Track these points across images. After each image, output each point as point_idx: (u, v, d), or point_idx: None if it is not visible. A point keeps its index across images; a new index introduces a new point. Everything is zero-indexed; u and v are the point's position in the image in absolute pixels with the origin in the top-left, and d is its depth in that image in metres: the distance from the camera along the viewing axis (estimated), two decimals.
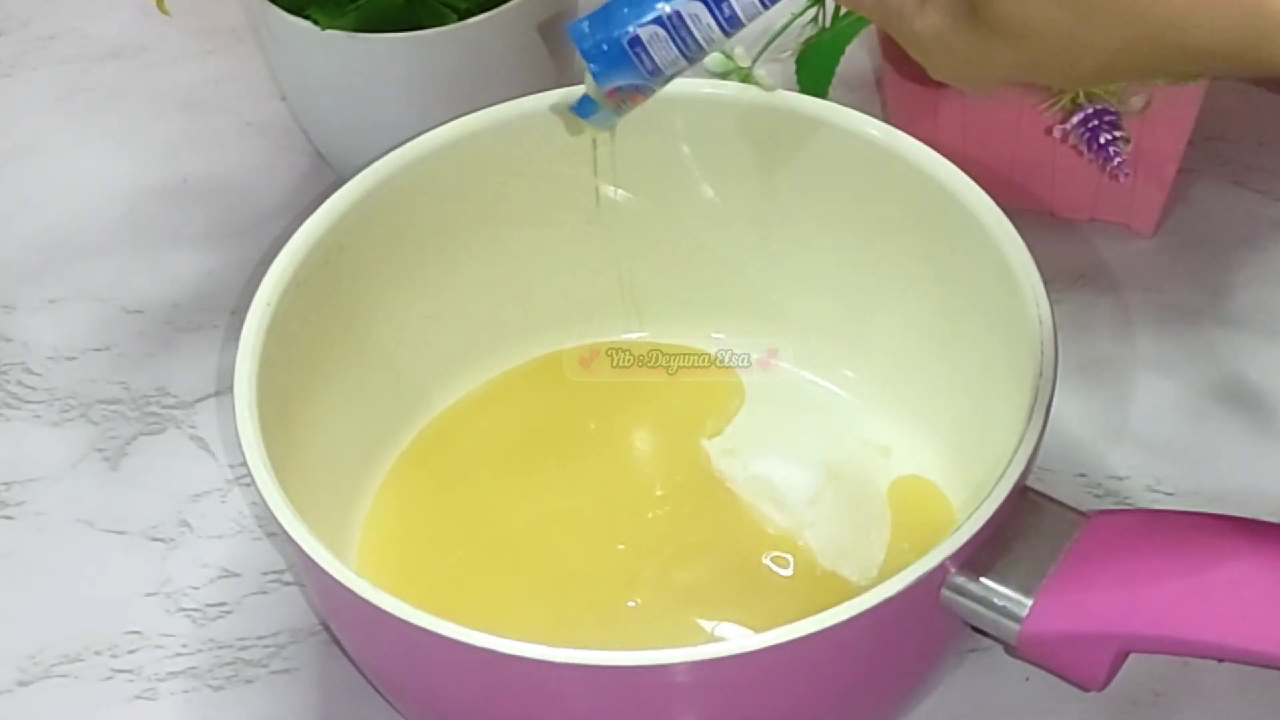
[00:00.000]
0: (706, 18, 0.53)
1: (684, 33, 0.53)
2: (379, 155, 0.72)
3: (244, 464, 0.63)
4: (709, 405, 0.77)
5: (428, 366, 0.76)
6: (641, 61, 0.57)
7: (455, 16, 0.80)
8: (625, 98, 0.58)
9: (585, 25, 0.57)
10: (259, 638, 0.72)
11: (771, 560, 0.71)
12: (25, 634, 0.73)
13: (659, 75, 0.58)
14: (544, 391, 0.78)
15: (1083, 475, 0.75)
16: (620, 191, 0.76)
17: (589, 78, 0.59)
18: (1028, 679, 0.69)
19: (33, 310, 0.85)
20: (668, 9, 0.54)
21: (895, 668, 0.64)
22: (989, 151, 0.79)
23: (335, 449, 0.71)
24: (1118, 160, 0.77)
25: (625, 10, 0.55)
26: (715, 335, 0.78)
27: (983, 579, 0.60)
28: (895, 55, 0.82)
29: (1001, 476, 0.61)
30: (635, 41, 0.55)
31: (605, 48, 0.56)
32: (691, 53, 0.56)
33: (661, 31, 0.54)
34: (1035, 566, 0.60)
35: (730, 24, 0.52)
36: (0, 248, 0.88)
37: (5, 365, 0.83)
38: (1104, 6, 0.49)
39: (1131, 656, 0.60)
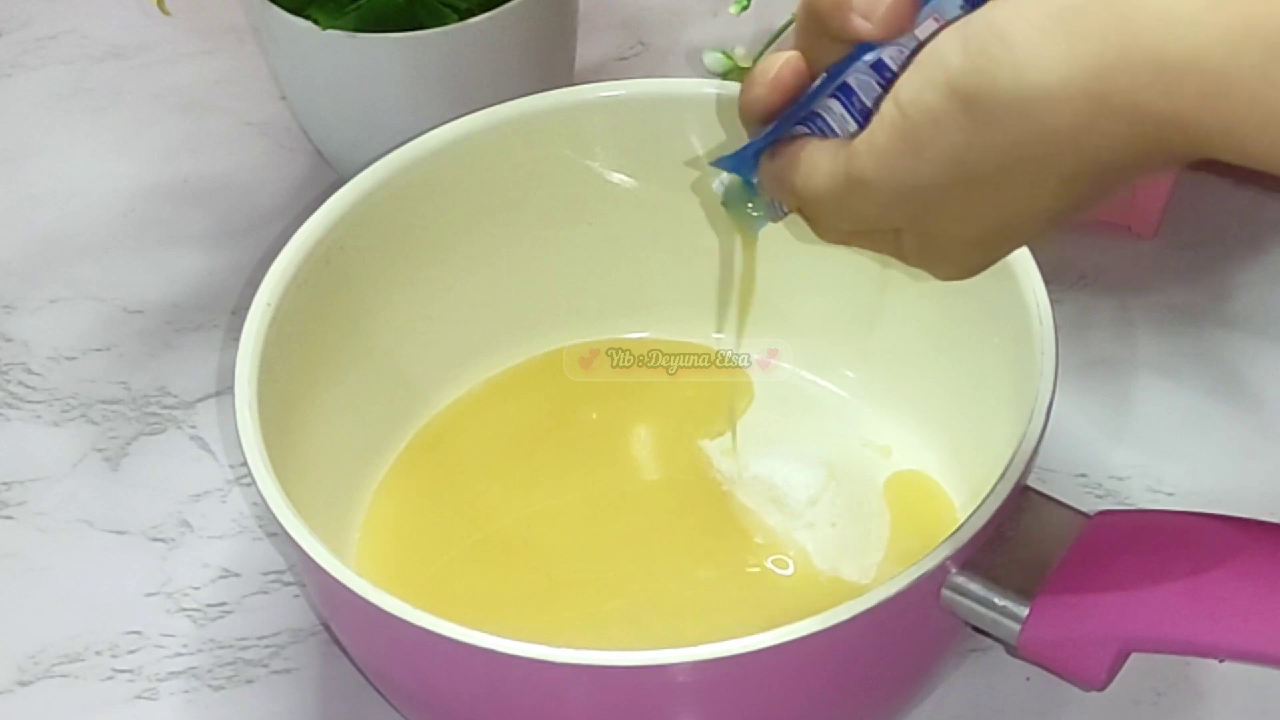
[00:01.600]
0: (839, 108, 0.55)
1: (820, 124, 0.56)
2: (379, 155, 0.72)
3: (244, 464, 0.63)
4: (711, 405, 0.77)
5: (428, 366, 0.76)
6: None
7: (455, 16, 0.80)
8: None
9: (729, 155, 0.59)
10: (259, 638, 0.72)
11: (771, 561, 0.71)
12: (25, 634, 0.73)
13: None
14: (544, 391, 0.78)
15: (1083, 475, 0.75)
16: (625, 181, 0.76)
17: (737, 191, 0.61)
18: (1028, 679, 0.69)
19: (33, 310, 0.85)
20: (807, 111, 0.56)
21: (895, 668, 0.64)
22: None
23: (335, 449, 0.71)
24: None
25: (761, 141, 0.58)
26: (716, 335, 0.78)
27: (983, 579, 0.60)
28: None
29: (1002, 476, 0.61)
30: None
31: (745, 154, 0.59)
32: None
33: (802, 129, 0.56)
34: (1035, 566, 0.60)
35: (862, 115, 0.55)
36: (0, 248, 0.88)
37: (5, 365, 0.83)
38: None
39: (1131, 656, 0.60)
